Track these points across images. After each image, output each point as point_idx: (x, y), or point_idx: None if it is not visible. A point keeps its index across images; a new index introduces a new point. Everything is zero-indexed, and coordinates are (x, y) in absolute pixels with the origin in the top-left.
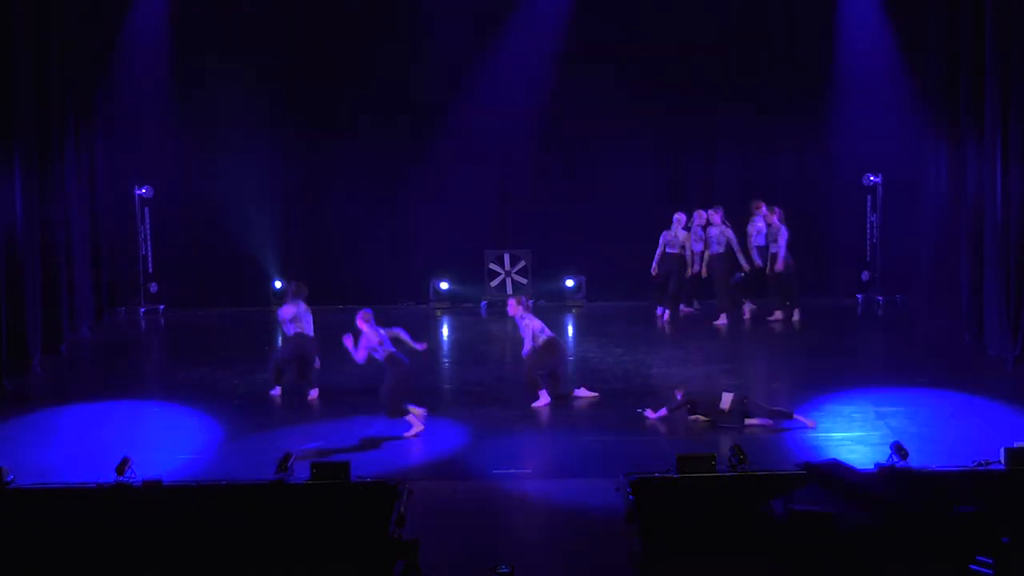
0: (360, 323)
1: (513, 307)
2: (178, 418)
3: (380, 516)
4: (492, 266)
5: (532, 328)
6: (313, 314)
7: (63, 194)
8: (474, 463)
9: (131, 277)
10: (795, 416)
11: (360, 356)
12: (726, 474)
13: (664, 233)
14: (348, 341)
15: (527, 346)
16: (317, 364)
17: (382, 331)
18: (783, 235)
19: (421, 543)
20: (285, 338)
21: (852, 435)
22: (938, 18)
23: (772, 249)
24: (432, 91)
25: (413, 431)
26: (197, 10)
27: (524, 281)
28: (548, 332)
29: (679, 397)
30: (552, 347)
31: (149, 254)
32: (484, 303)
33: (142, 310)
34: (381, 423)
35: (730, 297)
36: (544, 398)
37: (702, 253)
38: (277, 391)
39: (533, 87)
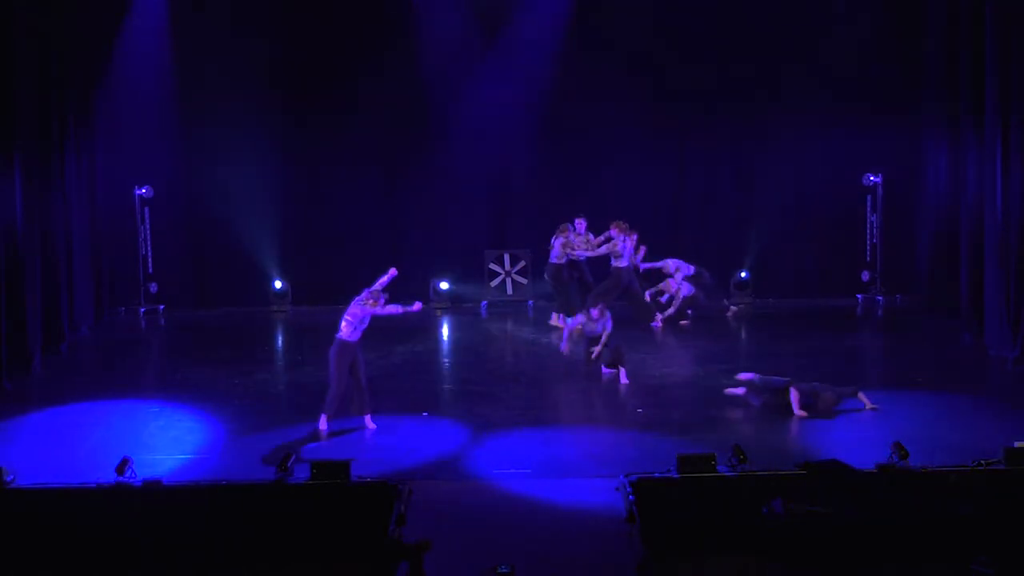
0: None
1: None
2: (178, 418)
3: (380, 516)
4: (492, 266)
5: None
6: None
7: (63, 194)
8: (474, 463)
9: (131, 277)
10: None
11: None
12: (726, 474)
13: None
14: None
15: None
16: None
17: None
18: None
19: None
20: None
21: (852, 435)
22: (938, 18)
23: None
24: (432, 90)
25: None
26: (196, 10)
27: (524, 281)
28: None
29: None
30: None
31: (149, 254)
32: (484, 303)
33: (142, 310)
34: (381, 421)
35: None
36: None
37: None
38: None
39: (533, 87)
